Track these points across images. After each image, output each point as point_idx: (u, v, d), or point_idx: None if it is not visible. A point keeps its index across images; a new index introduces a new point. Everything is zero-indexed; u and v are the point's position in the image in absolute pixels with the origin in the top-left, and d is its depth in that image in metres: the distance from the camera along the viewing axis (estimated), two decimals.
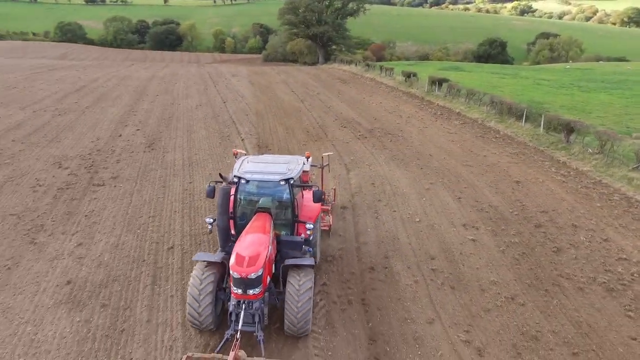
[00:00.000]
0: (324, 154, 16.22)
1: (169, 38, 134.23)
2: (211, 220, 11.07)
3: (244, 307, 9.32)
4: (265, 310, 9.76)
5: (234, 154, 13.09)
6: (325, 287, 12.02)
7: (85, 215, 15.69)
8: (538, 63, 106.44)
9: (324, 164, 15.84)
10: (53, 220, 15.31)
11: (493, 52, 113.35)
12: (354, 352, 9.88)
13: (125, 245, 13.76)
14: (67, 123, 28.38)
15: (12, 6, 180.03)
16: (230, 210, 10.92)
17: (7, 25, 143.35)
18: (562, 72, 65.92)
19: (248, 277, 9.09)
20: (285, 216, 11.40)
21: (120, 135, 25.89)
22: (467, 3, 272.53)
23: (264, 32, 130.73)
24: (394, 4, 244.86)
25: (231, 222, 11.01)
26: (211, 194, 11.38)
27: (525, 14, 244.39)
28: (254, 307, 9.38)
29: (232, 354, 8.25)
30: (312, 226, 11.02)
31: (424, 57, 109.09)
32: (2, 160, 20.91)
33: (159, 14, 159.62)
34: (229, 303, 9.61)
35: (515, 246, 14.48)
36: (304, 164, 12.20)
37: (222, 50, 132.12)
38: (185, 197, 17.46)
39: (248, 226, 10.42)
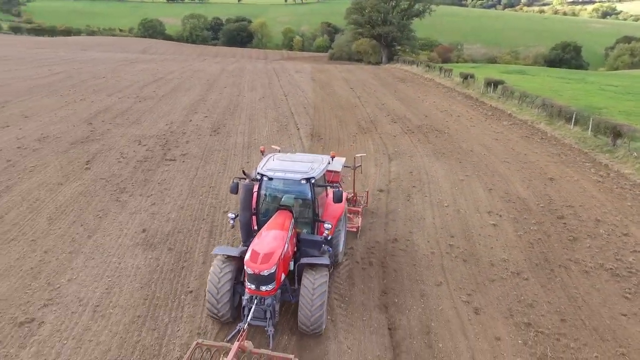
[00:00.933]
0: (356, 155, 17.26)
1: (240, 35, 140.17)
2: (233, 215, 11.23)
3: (255, 302, 9.56)
4: (277, 307, 9.96)
5: (261, 151, 13.42)
6: (352, 250, 14.00)
7: (159, 183, 18.64)
8: (616, 69, 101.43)
9: (356, 165, 16.44)
10: (133, 185, 18.36)
11: (566, 57, 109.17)
12: (367, 299, 11.81)
13: (189, 207, 16.47)
14: (146, 108, 32.12)
15: (104, 5, 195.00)
16: (253, 206, 11.24)
17: (98, 22, 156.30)
18: (636, 78, 63.31)
19: (261, 273, 9.29)
20: (307, 215, 11.55)
21: (191, 121, 29.15)
22: (544, 5, 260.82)
23: (332, 31, 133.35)
24: (465, 6, 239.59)
25: (254, 217, 11.35)
26: (235, 189, 11.55)
27: (608, 17, 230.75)
28: (265, 303, 9.62)
29: (236, 344, 8.63)
30: (330, 226, 11.06)
31: (492, 60, 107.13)
32: (94, 137, 24.56)
33: (232, 12, 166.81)
34: (242, 297, 9.93)
35: (533, 233, 15.71)
36: (328, 163, 12.46)
37: (290, 48, 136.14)
38: (241, 174, 19.97)
39: (268, 223, 10.67)
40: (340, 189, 11.94)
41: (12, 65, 51.64)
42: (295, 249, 11.10)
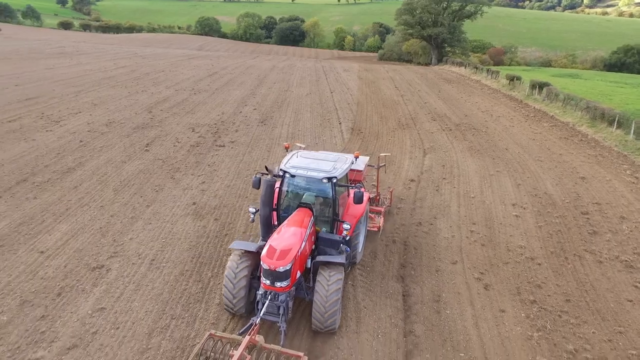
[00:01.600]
0: (380, 155, 18.06)
1: (293, 34, 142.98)
2: (254, 210, 11.40)
3: (269, 297, 9.62)
4: (290, 304, 9.99)
5: (285, 148, 13.72)
6: (377, 230, 15.31)
7: (209, 165, 20.65)
8: None
9: (380, 165, 16.79)
10: (186, 165, 20.46)
11: (628, 61, 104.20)
12: (386, 270, 13.13)
13: (235, 186, 18.32)
14: (200, 100, 34.58)
15: (165, 4, 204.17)
16: (274, 202, 11.34)
17: (159, 20, 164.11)
18: None
19: (276, 270, 9.36)
20: (327, 213, 11.65)
21: (241, 112, 31.26)
22: (608, 6, 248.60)
23: (384, 31, 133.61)
24: (522, 7, 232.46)
25: (274, 213, 11.42)
26: (257, 184, 11.44)
27: None
28: (279, 299, 9.66)
29: (247, 338, 8.77)
30: (348, 226, 11.20)
31: (547, 64, 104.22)
32: (154, 124, 27.04)
33: (286, 11, 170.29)
34: (257, 292, 10.01)
35: (553, 225, 16.45)
36: (352, 162, 12.52)
37: (341, 47, 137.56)
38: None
39: (287, 220, 10.76)
40: (363, 189, 12.23)
41: (83, 59, 56.02)
42: (314, 247, 11.23)
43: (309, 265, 10.71)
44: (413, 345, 10.38)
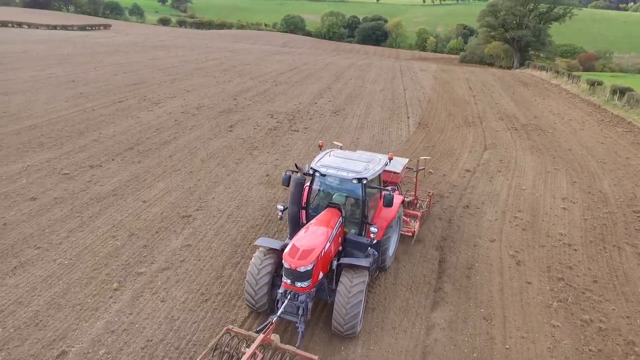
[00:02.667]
0: (420, 158, 18.58)
1: (375, 34, 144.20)
2: (282, 207, 11.17)
3: (289, 296, 9.49)
4: (310, 305, 9.78)
5: (319, 146, 13.47)
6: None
7: (283, 146, 23.24)
8: None
9: (419, 168, 16.67)
10: (263, 145, 23.19)
11: None
12: (428, 241, 14.77)
13: (304, 164, 20.67)
14: (280, 91, 37.55)
15: (254, 2, 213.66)
16: (304, 200, 11.32)
17: (248, 17, 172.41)
18: None
19: (297, 269, 9.19)
20: (357, 215, 11.37)
21: (316, 103, 33.78)
22: None
23: (467, 33, 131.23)
24: (625, 10, 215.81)
25: (303, 212, 11.36)
26: (287, 182, 11.32)
27: None
28: (299, 299, 9.50)
29: (261, 336, 8.65)
30: (376, 230, 10.73)
31: None
32: (237, 109, 30.25)
33: (370, 11, 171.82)
34: (277, 290, 9.92)
35: (600, 219, 17.12)
36: (385, 164, 12.17)
37: (422, 48, 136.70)
38: (350, 146, 23.77)
39: (315, 219, 10.59)
40: (397, 192, 12.03)
41: (179, 52, 61.62)
42: (341, 249, 11.10)
43: (333, 266, 10.50)
44: (440, 298, 12.05)
